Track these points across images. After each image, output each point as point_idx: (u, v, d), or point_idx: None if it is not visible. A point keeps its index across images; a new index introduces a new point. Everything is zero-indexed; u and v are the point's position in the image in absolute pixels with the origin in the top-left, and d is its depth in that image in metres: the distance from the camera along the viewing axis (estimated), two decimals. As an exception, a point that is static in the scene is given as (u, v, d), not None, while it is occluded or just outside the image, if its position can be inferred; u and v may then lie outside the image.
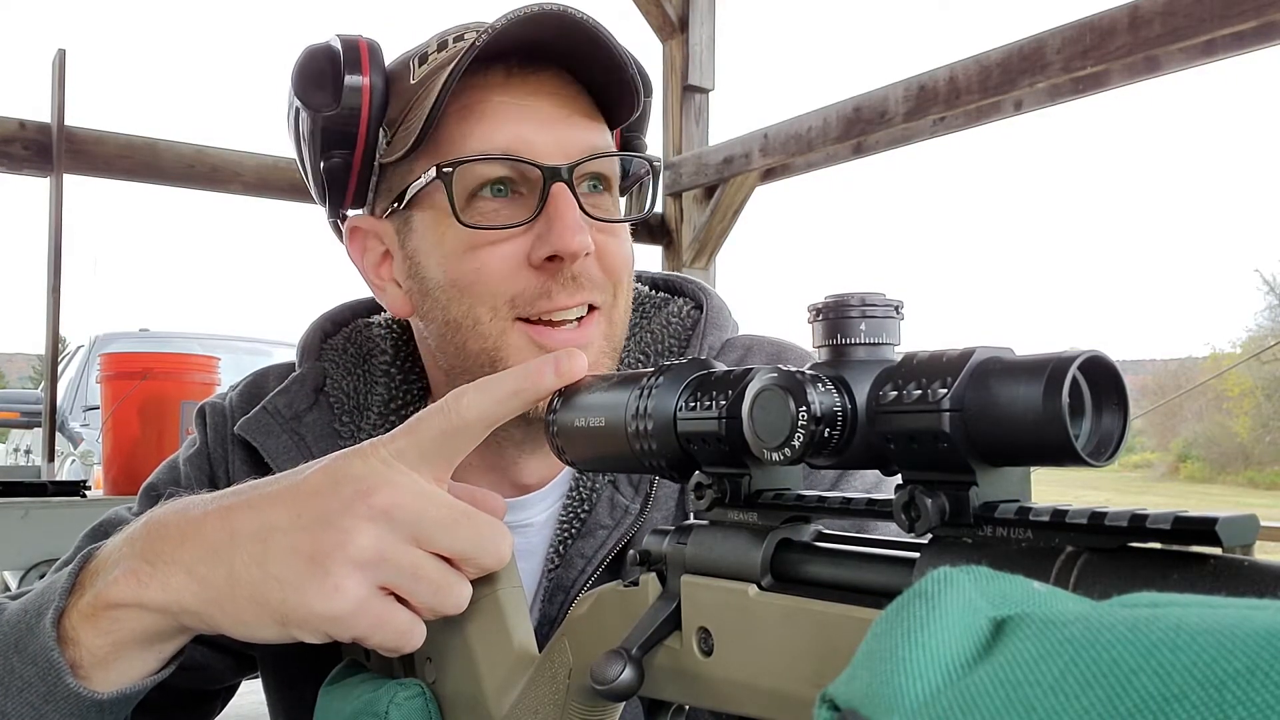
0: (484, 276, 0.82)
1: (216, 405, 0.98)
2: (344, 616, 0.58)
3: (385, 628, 0.59)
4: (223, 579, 0.60)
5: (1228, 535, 0.30)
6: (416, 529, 0.59)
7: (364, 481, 0.59)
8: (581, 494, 0.89)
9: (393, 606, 0.59)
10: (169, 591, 0.61)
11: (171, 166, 3.67)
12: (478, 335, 0.83)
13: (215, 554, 0.60)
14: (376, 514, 0.58)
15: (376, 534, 0.58)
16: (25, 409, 6.48)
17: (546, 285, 0.81)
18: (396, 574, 0.59)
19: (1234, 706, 0.22)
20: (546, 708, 0.59)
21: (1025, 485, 0.39)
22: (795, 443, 0.41)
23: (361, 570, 0.58)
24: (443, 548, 0.60)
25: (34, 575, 2.52)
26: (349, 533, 0.58)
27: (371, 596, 0.58)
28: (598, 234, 0.83)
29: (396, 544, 0.58)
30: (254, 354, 6.25)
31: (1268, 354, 23.29)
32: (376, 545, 0.58)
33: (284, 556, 0.58)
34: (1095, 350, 0.35)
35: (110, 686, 0.64)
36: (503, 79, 0.82)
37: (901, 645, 0.27)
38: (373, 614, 0.59)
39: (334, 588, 0.57)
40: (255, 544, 0.59)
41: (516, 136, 0.81)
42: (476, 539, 0.60)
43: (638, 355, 0.94)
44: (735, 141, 4.36)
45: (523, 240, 0.81)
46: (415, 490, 0.59)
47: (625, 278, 0.87)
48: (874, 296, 0.44)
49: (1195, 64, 3.03)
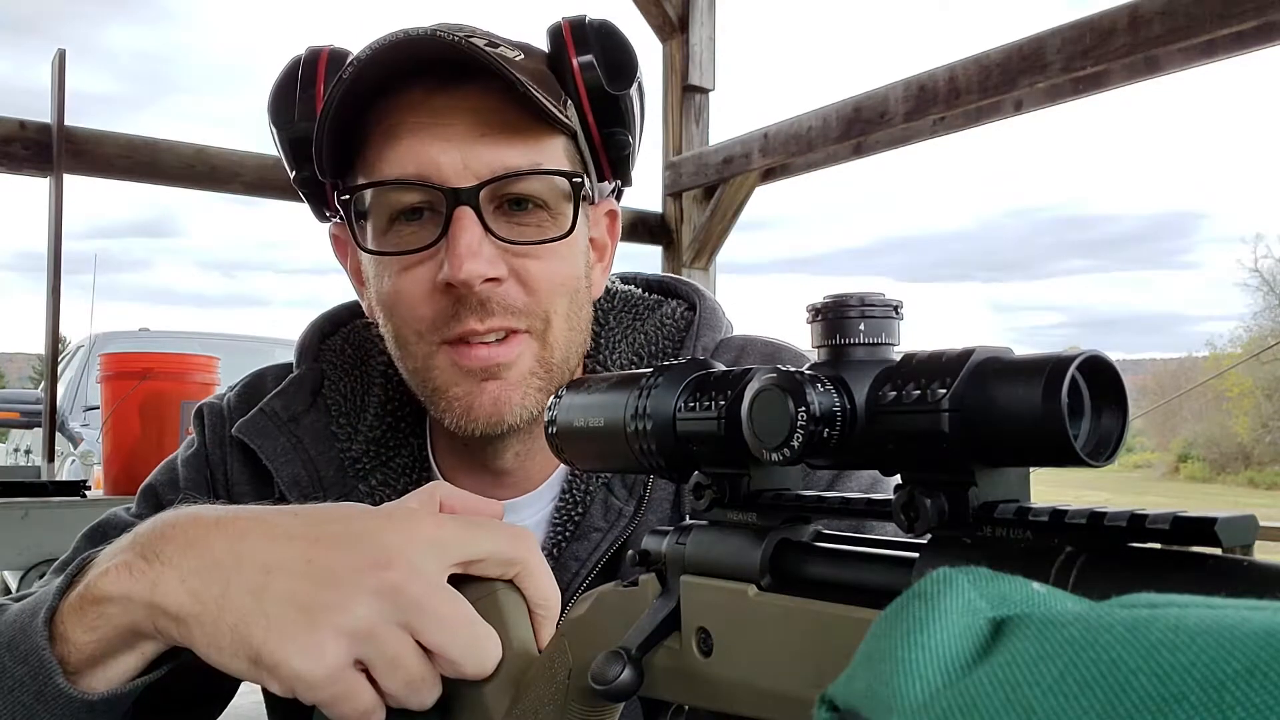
0: (402, 299, 0.83)
1: (214, 406, 0.98)
2: (314, 679, 0.56)
3: (348, 703, 0.58)
4: (214, 598, 0.58)
5: (1227, 535, 0.30)
6: (417, 617, 0.57)
7: (386, 553, 0.58)
8: (575, 496, 0.89)
9: (362, 684, 0.58)
10: (157, 592, 0.59)
11: (171, 166, 3.67)
12: (409, 355, 0.85)
13: (215, 570, 0.59)
14: (385, 589, 0.57)
15: (377, 609, 0.57)
16: (25, 409, 6.48)
17: (455, 308, 0.81)
18: (379, 655, 0.57)
19: (1234, 707, 0.22)
20: (546, 708, 0.59)
21: (1024, 485, 0.38)
22: (794, 443, 0.41)
23: (348, 639, 0.56)
24: (433, 643, 0.58)
25: (34, 575, 2.52)
26: (351, 598, 0.56)
27: (346, 668, 0.57)
28: (515, 258, 0.81)
29: (391, 624, 0.57)
30: (254, 354, 6.25)
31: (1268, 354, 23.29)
32: (371, 619, 0.57)
33: (280, 598, 0.57)
34: (1094, 350, 0.35)
35: (99, 687, 0.63)
36: (422, 97, 0.81)
37: (901, 646, 0.27)
38: (341, 685, 0.57)
39: (316, 646, 0.56)
40: (258, 575, 0.58)
41: (426, 159, 0.80)
42: (468, 645, 0.59)
43: (631, 357, 0.94)
44: (735, 141, 4.36)
45: (433, 264, 0.81)
46: (431, 580, 0.58)
47: (559, 300, 0.84)
48: (873, 296, 0.44)
49: (1195, 64, 3.03)
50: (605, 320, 0.96)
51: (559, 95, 0.85)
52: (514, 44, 0.87)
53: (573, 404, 0.57)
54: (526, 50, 0.87)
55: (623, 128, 0.88)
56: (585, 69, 0.86)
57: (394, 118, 0.81)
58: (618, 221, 0.97)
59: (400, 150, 0.80)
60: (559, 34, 0.87)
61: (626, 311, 0.97)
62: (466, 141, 0.80)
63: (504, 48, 0.84)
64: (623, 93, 0.86)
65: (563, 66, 0.86)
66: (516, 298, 0.82)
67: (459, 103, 0.80)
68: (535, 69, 0.85)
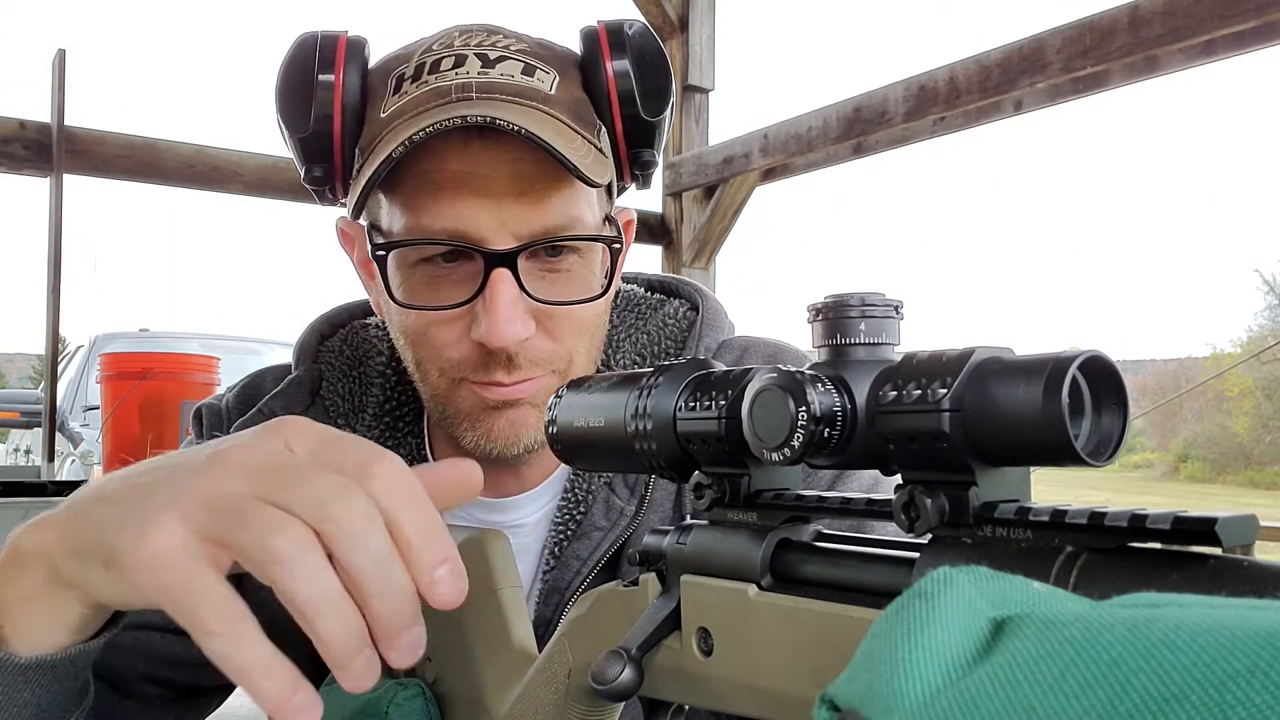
0: (430, 341, 0.83)
1: (213, 407, 0.98)
2: (147, 562, 0.46)
3: (190, 594, 0.46)
4: (88, 519, 0.51)
5: (1227, 535, 0.30)
6: (267, 480, 0.47)
7: (236, 440, 0.50)
8: (577, 495, 0.89)
9: (210, 576, 0.46)
10: (48, 537, 0.53)
11: (171, 166, 3.67)
12: (428, 384, 0.86)
13: (87, 499, 0.53)
14: (228, 462, 0.48)
15: (215, 478, 0.48)
16: (25, 409, 6.47)
17: (485, 360, 0.81)
18: (224, 522, 0.46)
19: (1234, 707, 0.22)
20: (546, 708, 0.59)
21: (1025, 485, 0.38)
22: (795, 443, 0.41)
23: (181, 510, 0.47)
24: (284, 500, 0.46)
25: (34, 575, 2.52)
26: (188, 474, 0.49)
27: (185, 550, 0.46)
28: (545, 311, 0.81)
29: (235, 491, 0.47)
30: (253, 354, 6.26)
31: (1268, 354, 23.29)
32: (210, 488, 0.47)
33: (124, 491, 0.51)
34: (1095, 350, 0.35)
35: (26, 649, 0.55)
36: (460, 144, 0.78)
37: (901, 645, 0.27)
38: (181, 571, 0.46)
39: (146, 521, 0.47)
40: (122, 485, 0.51)
41: (467, 218, 0.78)
42: (317, 499, 0.46)
43: (634, 357, 0.94)
44: (735, 141, 4.36)
45: (467, 317, 0.81)
46: (276, 449, 0.49)
47: (584, 340, 0.85)
48: (874, 296, 0.44)
49: (1195, 64, 3.03)
50: (609, 319, 0.96)
51: (594, 126, 0.84)
52: (548, 58, 0.85)
53: (573, 404, 0.57)
54: (561, 67, 0.84)
55: (650, 147, 0.87)
56: (623, 97, 0.84)
57: (430, 163, 0.79)
58: (633, 227, 0.97)
59: (441, 203, 0.79)
60: (594, 45, 0.85)
61: (629, 311, 0.97)
62: (505, 200, 0.78)
63: (540, 71, 0.82)
64: (658, 119, 0.85)
65: (598, 89, 0.84)
66: (543, 349, 0.82)
67: (497, 155, 0.78)
68: (570, 99, 0.83)
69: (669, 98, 0.85)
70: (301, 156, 0.84)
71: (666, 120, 0.86)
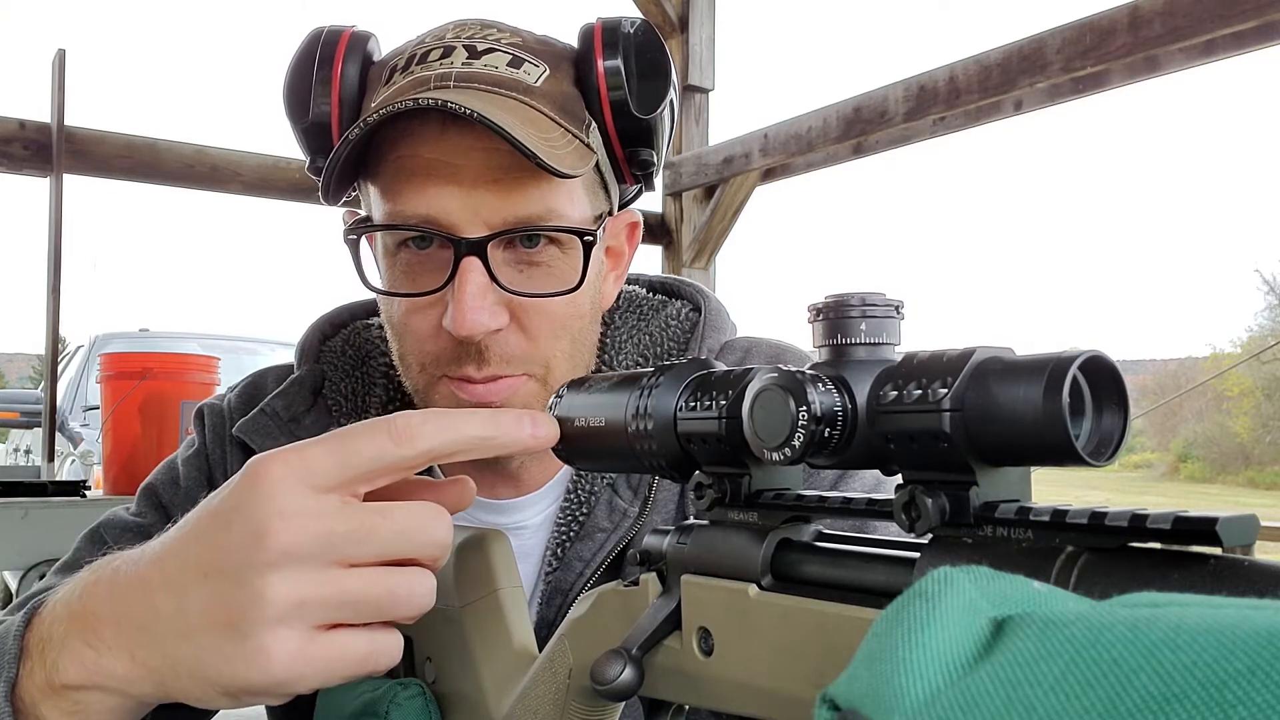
0: (409, 333, 0.84)
1: (215, 406, 0.98)
2: (284, 677, 0.51)
3: (341, 665, 0.52)
4: (160, 661, 0.54)
5: (1228, 535, 0.30)
6: (329, 554, 0.51)
7: (254, 522, 0.51)
8: (580, 496, 0.89)
9: (338, 642, 0.52)
10: (118, 679, 0.55)
11: (171, 166, 3.67)
12: (410, 380, 0.86)
13: (146, 634, 0.54)
14: (277, 558, 0.51)
15: (285, 579, 0.51)
16: (25, 409, 6.47)
17: (456, 353, 0.81)
18: (324, 610, 0.51)
19: (1234, 706, 0.22)
20: (546, 708, 0.59)
21: (1025, 485, 0.39)
22: (795, 443, 0.41)
23: (283, 624, 0.51)
24: (368, 558, 0.52)
25: (34, 575, 2.52)
26: (257, 588, 0.51)
27: (309, 644, 0.51)
28: (518, 302, 0.80)
29: (312, 580, 0.51)
30: (253, 354, 6.26)
31: (1268, 354, 23.29)
32: (289, 593, 0.51)
33: (205, 629, 0.52)
34: (1095, 350, 0.35)
35: None
36: (436, 132, 0.78)
37: (902, 645, 0.27)
38: (318, 660, 0.51)
39: (258, 652, 0.51)
40: (178, 619, 0.53)
41: (438, 205, 0.78)
42: (400, 533, 0.52)
43: (636, 358, 0.93)
44: (735, 141, 4.36)
45: (440, 305, 0.81)
46: (312, 513, 0.51)
47: (560, 343, 0.83)
48: (874, 296, 0.44)
49: (1195, 64, 3.03)
50: (611, 320, 0.95)
51: (582, 120, 0.83)
52: (541, 52, 0.84)
53: (574, 403, 0.57)
54: (554, 61, 0.84)
55: (649, 147, 0.85)
56: (614, 93, 0.82)
57: (406, 149, 0.79)
58: (638, 231, 0.96)
59: (414, 188, 0.79)
60: (589, 41, 0.84)
61: (631, 312, 0.97)
62: (478, 187, 0.78)
63: (528, 64, 0.82)
64: (651, 117, 0.84)
65: (589, 85, 0.83)
66: (515, 346, 0.81)
67: (472, 143, 0.78)
68: (558, 92, 0.82)
69: (663, 96, 0.84)
70: (304, 147, 0.86)
71: (665, 120, 0.85)
